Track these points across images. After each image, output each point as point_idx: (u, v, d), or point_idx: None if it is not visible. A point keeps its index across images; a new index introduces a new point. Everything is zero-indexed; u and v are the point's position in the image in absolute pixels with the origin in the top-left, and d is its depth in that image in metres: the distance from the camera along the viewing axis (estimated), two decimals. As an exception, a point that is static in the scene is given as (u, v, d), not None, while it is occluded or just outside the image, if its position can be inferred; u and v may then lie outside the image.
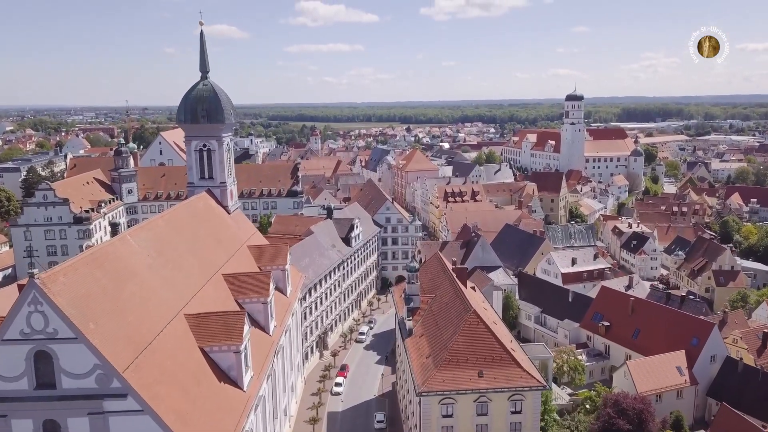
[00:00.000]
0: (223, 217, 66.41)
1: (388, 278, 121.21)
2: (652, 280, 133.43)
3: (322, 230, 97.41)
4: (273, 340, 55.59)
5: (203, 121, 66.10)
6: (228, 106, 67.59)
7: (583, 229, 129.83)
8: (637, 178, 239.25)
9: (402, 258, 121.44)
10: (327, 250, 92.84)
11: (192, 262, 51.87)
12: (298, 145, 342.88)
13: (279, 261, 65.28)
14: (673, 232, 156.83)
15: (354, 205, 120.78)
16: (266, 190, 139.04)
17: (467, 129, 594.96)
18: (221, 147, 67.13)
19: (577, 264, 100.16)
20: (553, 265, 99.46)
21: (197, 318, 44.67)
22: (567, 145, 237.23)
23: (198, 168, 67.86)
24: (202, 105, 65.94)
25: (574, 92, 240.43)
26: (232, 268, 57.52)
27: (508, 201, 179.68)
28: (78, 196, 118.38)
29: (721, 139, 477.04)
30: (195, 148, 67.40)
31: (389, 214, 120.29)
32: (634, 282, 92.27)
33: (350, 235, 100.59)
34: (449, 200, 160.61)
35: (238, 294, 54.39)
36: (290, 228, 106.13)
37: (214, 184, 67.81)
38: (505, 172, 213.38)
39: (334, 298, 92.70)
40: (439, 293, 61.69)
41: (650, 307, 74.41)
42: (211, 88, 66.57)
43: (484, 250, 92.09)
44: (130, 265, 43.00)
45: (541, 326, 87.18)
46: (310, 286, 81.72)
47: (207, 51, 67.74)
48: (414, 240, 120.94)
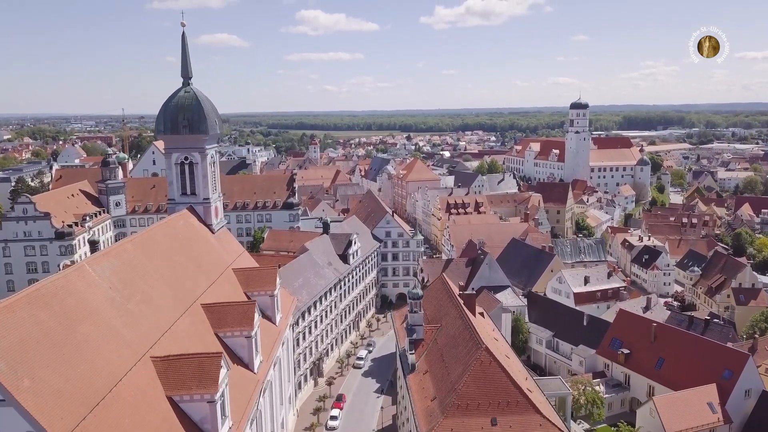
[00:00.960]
0: (205, 237, 60.25)
1: (388, 296, 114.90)
2: (665, 297, 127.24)
3: (318, 247, 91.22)
4: (258, 378, 49.24)
5: (185, 132, 60.06)
6: (212, 115, 61.58)
7: (593, 243, 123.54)
8: (643, 188, 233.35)
9: (403, 274, 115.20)
10: (323, 269, 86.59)
11: (164, 293, 45.64)
12: (296, 154, 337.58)
13: (267, 286, 59.04)
14: (685, 245, 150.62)
15: (352, 219, 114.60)
16: (261, 202, 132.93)
17: (468, 137, 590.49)
18: (204, 160, 61.06)
19: (590, 283, 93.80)
20: (565, 284, 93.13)
21: (166, 361, 38.38)
22: (571, 154, 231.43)
23: (179, 183, 61.73)
24: (183, 114, 59.92)
25: (578, 100, 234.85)
26: (213, 297, 51.28)
27: (513, 212, 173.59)
28: (61, 209, 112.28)
29: (725, 148, 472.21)
30: (176, 161, 61.32)
31: (389, 227, 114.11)
32: (652, 303, 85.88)
33: (348, 251, 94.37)
34: (452, 212, 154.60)
35: (218, 327, 48.13)
36: (284, 244, 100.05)
37: (197, 200, 61.67)
38: (508, 182, 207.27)
39: (330, 320, 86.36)
40: (445, 323, 55.41)
41: (675, 334, 68.00)
42: (193, 95, 60.56)
43: (492, 269, 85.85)
44: (86, 301, 36.77)
45: (554, 351, 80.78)
46: (304, 309, 75.41)
47: (189, 54, 61.76)
48: (415, 255, 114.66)
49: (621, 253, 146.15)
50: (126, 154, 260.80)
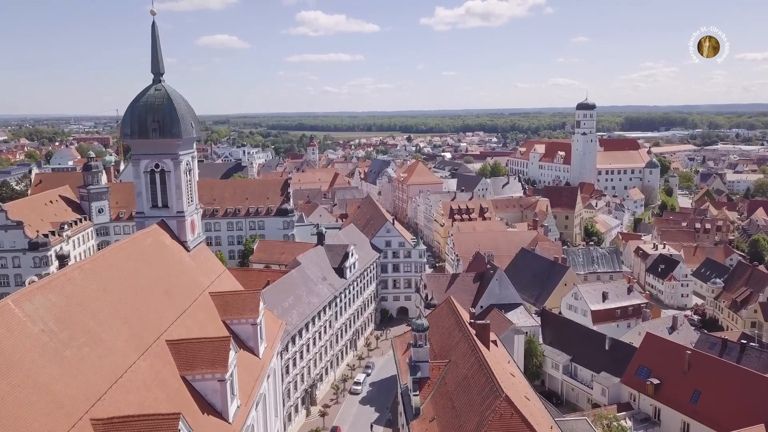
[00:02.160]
0: (178, 257, 52.37)
1: (388, 310, 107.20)
2: (682, 309, 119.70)
3: (311, 260, 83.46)
4: (234, 429, 41.44)
5: (155, 136, 52.14)
6: (187, 116, 53.71)
7: (607, 253, 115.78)
8: (653, 191, 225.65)
9: (404, 287, 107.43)
10: (316, 285, 78.84)
11: (119, 331, 37.81)
12: (294, 156, 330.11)
13: (248, 313, 51.20)
14: (701, 253, 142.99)
15: (349, 228, 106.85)
16: (253, 208, 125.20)
17: (469, 138, 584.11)
18: (178, 167, 53.15)
19: (608, 299, 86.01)
20: (581, 300, 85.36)
21: (109, 424, 30.57)
22: (578, 157, 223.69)
23: (149, 194, 53.82)
24: (153, 115, 52.01)
25: (585, 101, 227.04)
26: (182, 330, 43.47)
27: (519, 217, 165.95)
28: (37, 217, 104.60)
29: (731, 149, 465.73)
30: (145, 169, 53.40)
31: (389, 236, 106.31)
32: (678, 323, 78.04)
33: (344, 264, 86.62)
34: (455, 217, 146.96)
35: (185, 368, 40.29)
36: (275, 256, 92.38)
37: (170, 213, 53.73)
38: (513, 185, 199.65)
39: (325, 342, 78.60)
40: (454, 358, 47.62)
41: (714, 364, 60.18)
42: (165, 93, 52.65)
43: (502, 286, 78.08)
44: (7, 351, 28.99)
45: (572, 378, 72.99)
46: (294, 333, 67.66)
47: (160, 47, 53.99)
48: (417, 266, 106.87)
49: (634, 261, 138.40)
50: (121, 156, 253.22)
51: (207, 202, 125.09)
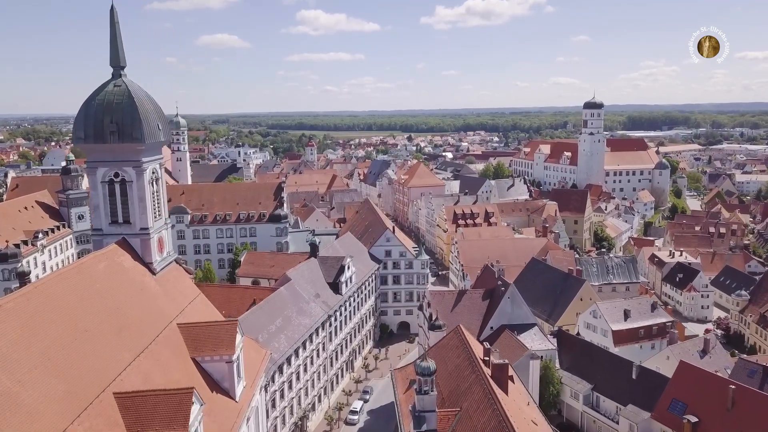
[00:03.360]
0: (141, 282, 44.61)
1: (388, 325, 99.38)
2: (702, 322, 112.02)
3: (303, 275, 75.63)
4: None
5: (113, 140, 44.35)
6: (153, 116, 45.93)
7: (623, 262, 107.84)
8: (663, 193, 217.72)
9: (405, 300, 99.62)
10: (308, 304, 71.02)
11: (49, 389, 30.08)
12: (292, 157, 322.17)
13: (223, 348, 43.50)
14: (719, 260, 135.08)
15: (346, 237, 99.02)
16: (244, 214, 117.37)
17: (470, 138, 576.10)
18: (142, 177, 45.37)
19: (630, 318, 78.10)
20: (601, 319, 77.47)
21: None
22: (585, 157, 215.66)
23: (107, 208, 46.04)
24: (111, 116, 44.26)
25: (593, 99, 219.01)
26: (137, 379, 35.77)
27: (525, 222, 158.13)
28: (9, 225, 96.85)
29: (737, 149, 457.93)
30: (102, 179, 45.62)
31: (389, 246, 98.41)
32: (710, 346, 70.23)
33: (340, 279, 78.76)
34: (459, 223, 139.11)
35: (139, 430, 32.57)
36: (263, 269, 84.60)
37: (132, 230, 46.00)
38: (519, 187, 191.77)
39: (317, 367, 70.80)
40: (467, 407, 39.85)
41: (763, 403, 52.23)
42: (125, 90, 44.87)
43: (515, 304, 70.20)
44: None
45: (594, 409, 65.17)
46: (282, 361, 59.87)
47: (121, 35, 46.16)
48: (420, 278, 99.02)
49: (649, 270, 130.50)
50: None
51: (195, 208, 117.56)
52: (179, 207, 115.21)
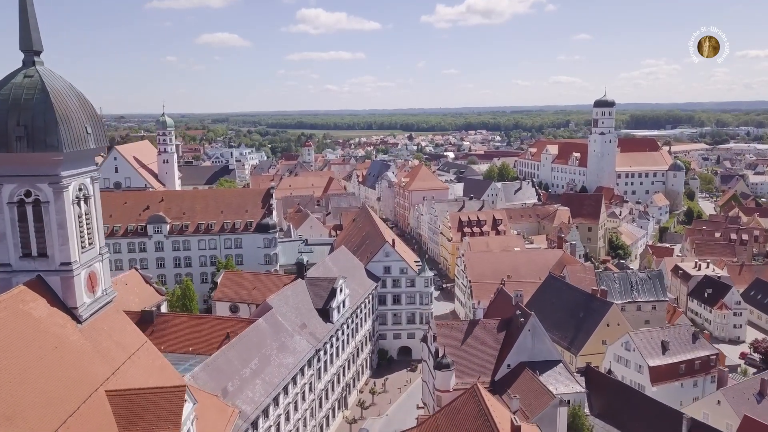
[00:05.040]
0: (57, 336, 33.74)
1: (387, 351, 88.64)
2: (735, 343, 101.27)
3: (288, 301, 64.81)
4: None
5: (21, 148, 33.56)
6: (77, 116, 35.06)
7: (648, 277, 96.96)
8: (677, 196, 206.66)
9: (407, 322, 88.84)
10: (292, 337, 60.22)
11: None
12: (289, 157, 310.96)
13: (166, 424, 32.67)
14: (748, 271, 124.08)
15: (340, 251, 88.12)
16: (229, 223, 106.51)
17: (471, 137, 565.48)
18: (61, 196, 34.50)
19: (669, 350, 67.09)
20: (635, 352, 66.54)
21: None
22: (595, 159, 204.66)
23: (16, 237, 35.17)
24: (18, 116, 33.47)
25: (603, 97, 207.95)
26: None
27: (535, 229, 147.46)
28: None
29: (745, 148, 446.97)
30: (10, 199, 34.78)
31: (389, 261, 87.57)
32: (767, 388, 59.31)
33: (330, 304, 67.97)
34: (465, 230, 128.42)
35: None
36: (242, 292, 73.78)
37: (49, 266, 35.15)
38: (526, 191, 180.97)
39: (303, 412, 59.96)
40: None
41: None
42: (38, 82, 34.06)
43: (536, 338, 59.37)
44: None
45: (633, 468, 54.33)
46: (257, 415, 49.01)
47: (35, 14, 35.24)
48: (423, 297, 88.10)
49: (672, 283, 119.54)
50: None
51: (175, 216, 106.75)
52: (157, 216, 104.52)
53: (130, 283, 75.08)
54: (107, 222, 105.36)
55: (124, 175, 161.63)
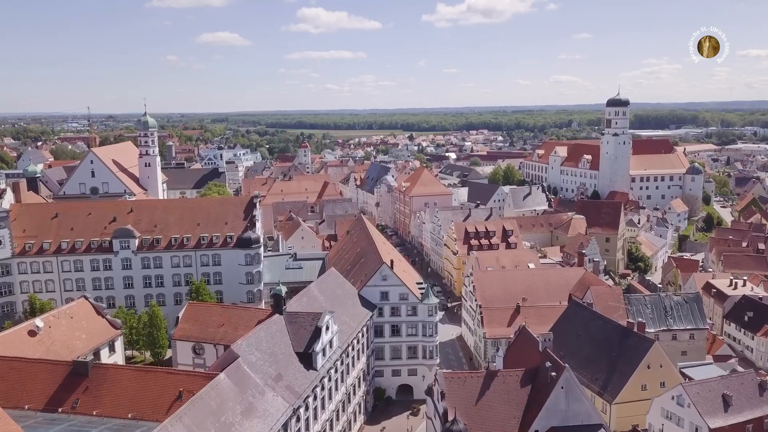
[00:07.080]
0: None
1: (384, 390, 76.05)
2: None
3: (260, 345, 52.23)
4: None
5: None
6: None
7: (684, 301, 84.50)
8: (696, 201, 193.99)
9: (408, 357, 76.22)
10: (263, 395, 47.69)
11: None
12: (285, 158, 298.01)
13: None
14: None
15: (329, 275, 75.37)
16: (206, 237, 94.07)
17: (473, 137, 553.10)
18: None
19: (733, 407, 54.53)
20: (690, 409, 53.94)
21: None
22: (608, 161, 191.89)
23: None
24: None
25: (617, 96, 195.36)
26: None
27: (548, 240, 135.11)
28: None
29: (754, 149, 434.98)
30: None
31: (386, 286, 74.90)
32: None
33: (314, 347, 55.42)
34: (471, 242, 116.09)
35: None
36: (208, 330, 61.25)
37: None
38: (536, 196, 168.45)
39: (277, 491, 47.42)
40: None
41: None
42: None
43: (571, 398, 46.97)
44: None
45: None
46: None
47: None
48: (427, 327, 75.43)
49: (704, 302, 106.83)
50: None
51: (145, 230, 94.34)
52: (124, 229, 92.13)
53: (76, 316, 63.02)
54: (68, 236, 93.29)
55: (101, 180, 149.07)
